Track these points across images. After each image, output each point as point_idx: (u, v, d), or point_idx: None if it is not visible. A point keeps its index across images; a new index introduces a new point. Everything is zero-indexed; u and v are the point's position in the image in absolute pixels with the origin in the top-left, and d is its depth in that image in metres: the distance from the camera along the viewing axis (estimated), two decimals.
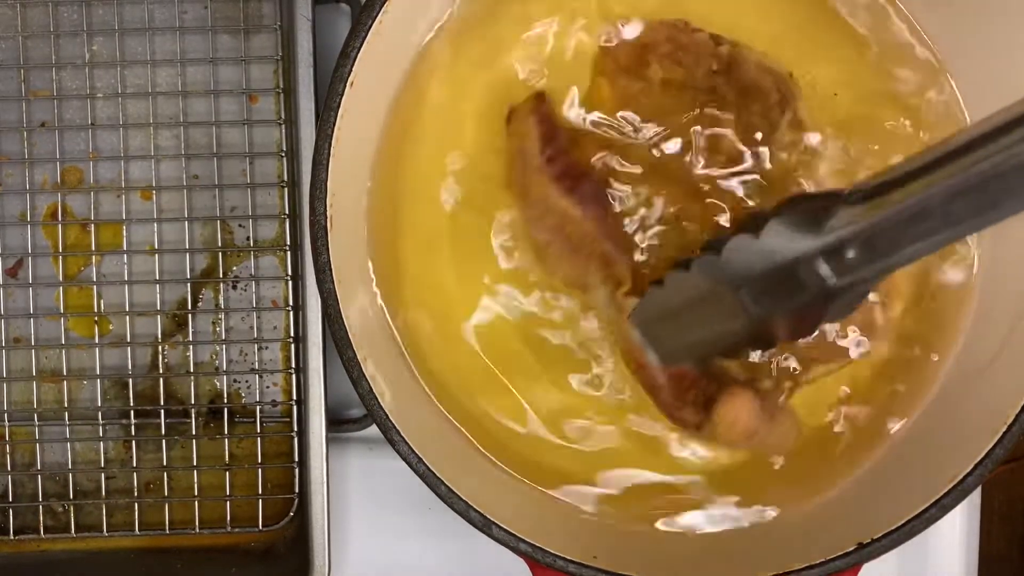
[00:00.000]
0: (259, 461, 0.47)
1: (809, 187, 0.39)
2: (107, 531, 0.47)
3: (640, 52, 0.39)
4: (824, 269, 0.31)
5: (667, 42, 0.39)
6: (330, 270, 0.36)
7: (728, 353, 0.37)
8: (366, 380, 0.37)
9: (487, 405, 0.41)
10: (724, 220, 0.39)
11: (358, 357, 0.37)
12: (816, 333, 0.37)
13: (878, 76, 0.41)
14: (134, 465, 0.47)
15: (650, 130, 0.40)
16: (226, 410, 0.47)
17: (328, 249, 0.36)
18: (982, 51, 0.39)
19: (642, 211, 0.39)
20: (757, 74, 0.39)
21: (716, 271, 0.33)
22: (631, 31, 0.40)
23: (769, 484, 0.41)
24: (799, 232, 0.31)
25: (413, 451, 0.37)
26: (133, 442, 0.47)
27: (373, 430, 0.45)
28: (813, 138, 0.40)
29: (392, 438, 0.37)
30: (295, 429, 0.47)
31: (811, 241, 0.31)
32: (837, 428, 0.41)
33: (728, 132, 0.39)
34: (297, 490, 0.47)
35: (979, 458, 0.36)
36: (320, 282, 0.37)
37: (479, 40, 0.40)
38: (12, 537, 0.47)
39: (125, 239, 0.47)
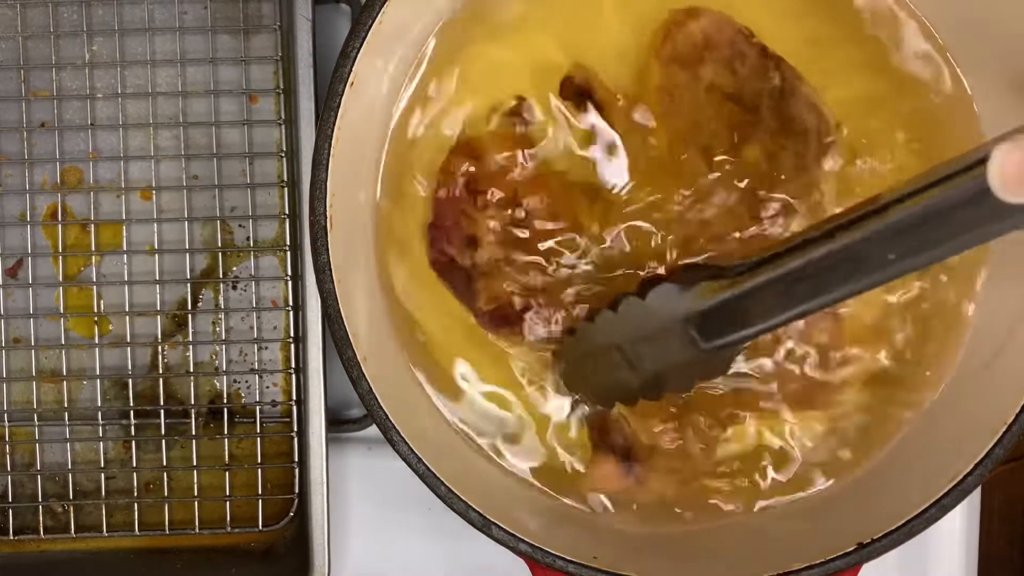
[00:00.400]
0: (259, 461, 0.47)
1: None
2: (107, 531, 0.47)
3: (700, 47, 0.39)
4: (694, 333, 0.35)
5: (729, 46, 0.38)
6: (330, 270, 0.36)
7: (624, 400, 0.39)
8: (366, 380, 0.37)
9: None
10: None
11: (358, 357, 0.37)
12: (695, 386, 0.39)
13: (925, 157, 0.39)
14: (134, 465, 0.47)
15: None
16: (226, 410, 0.47)
17: (328, 249, 0.36)
18: None
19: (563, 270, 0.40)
20: (805, 111, 0.38)
21: (612, 326, 0.37)
22: (696, 24, 0.38)
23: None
24: (677, 299, 0.35)
25: (413, 451, 0.37)
26: (133, 442, 0.47)
27: (373, 430, 0.45)
28: (832, 196, 0.39)
29: (392, 438, 0.37)
30: (295, 429, 0.47)
31: (684, 308, 0.35)
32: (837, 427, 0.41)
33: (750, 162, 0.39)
34: (297, 490, 0.47)
35: (979, 458, 0.36)
36: (320, 282, 0.37)
37: (481, 37, 0.40)
38: (12, 537, 0.47)
39: (125, 239, 0.47)
